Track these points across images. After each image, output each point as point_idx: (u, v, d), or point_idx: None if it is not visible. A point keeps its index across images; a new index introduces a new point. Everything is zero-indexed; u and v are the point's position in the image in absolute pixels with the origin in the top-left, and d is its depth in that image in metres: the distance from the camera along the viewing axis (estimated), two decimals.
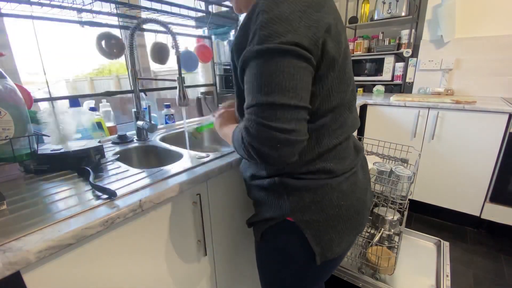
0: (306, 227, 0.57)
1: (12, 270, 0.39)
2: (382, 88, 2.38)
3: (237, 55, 0.50)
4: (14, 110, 0.62)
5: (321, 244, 0.57)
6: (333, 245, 0.58)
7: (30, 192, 0.59)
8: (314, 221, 0.57)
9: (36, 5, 0.83)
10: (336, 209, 0.57)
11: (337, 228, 0.58)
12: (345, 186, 0.58)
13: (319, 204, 0.56)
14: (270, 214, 0.61)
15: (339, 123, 0.56)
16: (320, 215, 0.57)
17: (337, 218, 0.58)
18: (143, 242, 0.61)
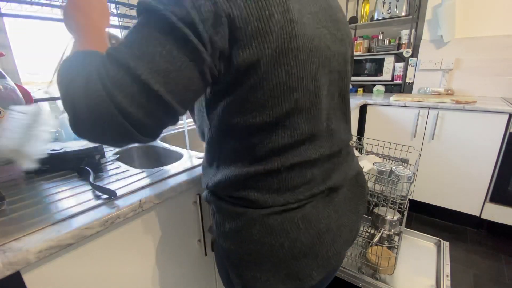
0: (226, 256, 0.50)
1: (12, 270, 0.39)
2: (382, 88, 2.38)
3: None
4: None
5: (243, 279, 0.49)
6: (256, 284, 0.48)
7: (30, 192, 0.59)
8: (233, 251, 0.48)
9: (36, 5, 0.83)
10: (258, 246, 0.46)
11: (263, 267, 0.47)
12: (272, 221, 0.46)
13: (239, 234, 0.47)
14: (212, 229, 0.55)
15: (279, 146, 0.44)
16: (241, 247, 0.48)
17: (261, 256, 0.47)
18: (143, 242, 0.61)
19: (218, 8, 0.34)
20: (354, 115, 2.00)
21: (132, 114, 0.33)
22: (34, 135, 0.52)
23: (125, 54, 0.33)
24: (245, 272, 0.48)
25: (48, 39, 1.12)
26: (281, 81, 0.40)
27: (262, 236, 0.46)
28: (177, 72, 0.34)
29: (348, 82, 0.57)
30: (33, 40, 1.07)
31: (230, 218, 0.48)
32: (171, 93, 0.34)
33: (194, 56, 0.34)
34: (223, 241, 0.49)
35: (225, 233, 0.49)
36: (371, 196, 1.25)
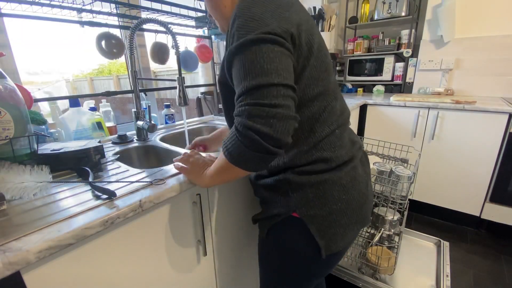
0: (311, 222, 0.59)
1: (12, 270, 0.39)
2: (382, 88, 2.38)
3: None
4: (14, 110, 0.62)
5: (326, 238, 0.59)
6: (337, 238, 0.60)
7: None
8: (318, 215, 0.59)
9: (36, 5, 0.83)
10: (339, 204, 0.59)
11: (341, 222, 0.60)
12: (345, 180, 0.60)
13: (322, 198, 0.58)
14: (276, 210, 0.63)
15: (328, 111, 0.59)
16: (323, 209, 0.59)
17: (339, 212, 0.60)
18: (143, 242, 0.61)
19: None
20: (354, 115, 2.00)
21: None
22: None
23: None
24: (328, 231, 0.59)
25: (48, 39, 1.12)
26: (322, 74, 0.58)
27: (341, 194, 0.59)
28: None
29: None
30: (33, 40, 1.07)
31: (312, 188, 0.58)
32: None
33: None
34: (306, 210, 0.59)
35: (308, 202, 0.59)
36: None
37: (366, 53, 2.40)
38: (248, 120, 0.46)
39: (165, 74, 2.27)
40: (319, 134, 0.58)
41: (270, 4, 0.49)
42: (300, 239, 0.62)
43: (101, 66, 2.18)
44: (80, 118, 0.98)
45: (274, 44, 0.47)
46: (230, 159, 0.51)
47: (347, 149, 0.63)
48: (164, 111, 1.34)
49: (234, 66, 0.50)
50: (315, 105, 0.57)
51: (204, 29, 1.48)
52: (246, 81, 0.47)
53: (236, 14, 0.49)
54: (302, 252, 0.63)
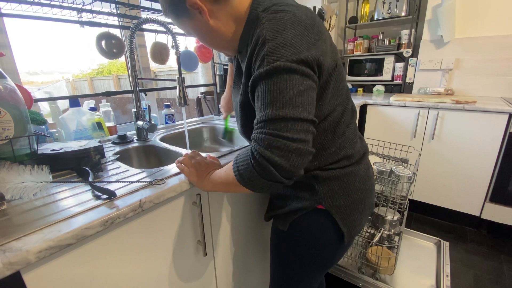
0: (336, 212, 0.63)
1: (12, 270, 0.39)
2: (382, 88, 2.38)
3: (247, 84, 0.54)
4: (14, 110, 0.62)
5: (348, 225, 0.65)
6: (355, 224, 0.66)
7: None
8: (342, 205, 0.63)
9: (36, 5, 0.83)
10: (359, 193, 0.65)
11: (359, 209, 0.66)
12: (363, 171, 0.67)
13: (346, 190, 0.63)
14: (301, 204, 0.65)
15: (346, 113, 0.63)
16: (347, 199, 0.64)
17: (359, 201, 0.66)
18: (143, 242, 0.61)
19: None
20: None
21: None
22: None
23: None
24: (350, 218, 0.65)
25: (48, 39, 1.12)
26: (341, 83, 0.61)
27: (361, 184, 0.66)
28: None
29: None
30: (33, 40, 1.07)
31: (337, 181, 0.63)
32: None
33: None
34: (331, 201, 0.63)
35: (334, 194, 0.63)
36: None
37: (366, 53, 2.40)
38: (266, 150, 0.46)
39: (165, 74, 2.27)
40: (341, 135, 0.62)
41: (299, 26, 0.49)
42: (324, 228, 0.66)
43: (101, 66, 2.18)
44: (80, 118, 0.98)
45: (304, 76, 0.48)
46: (239, 180, 0.52)
47: (360, 143, 0.69)
48: (164, 111, 1.34)
49: (259, 89, 0.49)
50: (336, 111, 0.60)
51: None
52: (271, 109, 0.47)
53: (266, 37, 0.48)
54: (326, 240, 0.67)
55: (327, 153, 0.61)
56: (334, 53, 0.57)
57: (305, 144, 0.47)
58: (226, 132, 1.14)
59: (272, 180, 0.48)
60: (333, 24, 2.10)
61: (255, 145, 0.48)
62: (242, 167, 0.51)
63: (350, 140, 0.64)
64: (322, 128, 0.59)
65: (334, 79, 0.57)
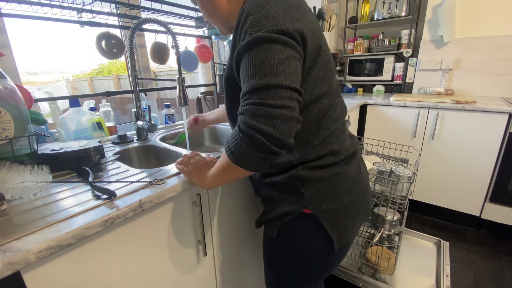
0: (324, 216, 0.60)
1: (12, 270, 0.39)
2: (382, 88, 2.38)
3: (232, 60, 0.54)
4: (14, 110, 0.62)
5: (338, 231, 0.61)
6: (347, 230, 0.62)
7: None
8: (330, 209, 0.60)
9: (36, 5, 0.83)
10: (348, 196, 0.62)
11: (350, 214, 0.62)
12: (353, 173, 0.63)
13: (334, 192, 0.60)
14: (287, 208, 0.63)
15: (333, 108, 0.61)
16: (335, 203, 0.60)
17: (349, 205, 0.62)
18: (143, 242, 0.61)
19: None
20: (354, 115, 2.00)
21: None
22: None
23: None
24: (339, 223, 0.61)
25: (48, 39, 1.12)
26: (328, 73, 0.59)
27: (351, 187, 0.62)
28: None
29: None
30: (33, 40, 1.07)
31: (324, 182, 0.60)
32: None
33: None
34: (318, 205, 0.60)
35: (320, 197, 0.60)
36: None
37: (366, 53, 2.40)
38: (251, 120, 0.46)
39: (165, 74, 2.27)
40: (327, 129, 0.60)
41: (282, 3, 0.50)
42: (313, 235, 0.62)
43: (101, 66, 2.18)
44: (80, 118, 0.98)
45: (285, 45, 0.48)
46: (232, 159, 0.51)
47: (350, 142, 0.67)
48: (164, 111, 1.34)
49: (243, 63, 0.50)
50: (321, 103, 0.58)
51: (204, 29, 1.48)
52: (254, 79, 0.47)
53: (249, 10, 0.49)
54: (316, 248, 0.63)
55: (310, 146, 0.60)
56: (319, 38, 0.56)
57: (290, 110, 0.46)
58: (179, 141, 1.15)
59: (263, 150, 0.47)
60: (333, 24, 2.10)
61: (241, 118, 0.48)
62: (232, 145, 0.50)
63: (337, 136, 0.62)
64: (307, 119, 0.58)
65: (319, 65, 0.56)
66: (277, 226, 0.66)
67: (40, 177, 0.59)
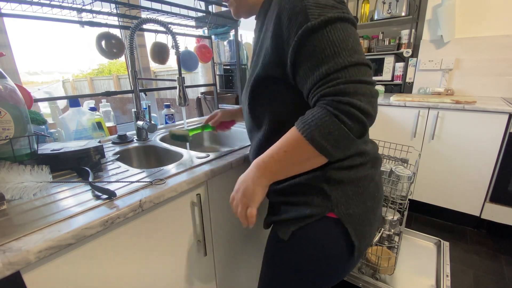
0: (349, 221, 0.56)
1: (12, 270, 0.39)
2: (382, 88, 2.38)
3: (275, 45, 0.51)
4: (14, 110, 0.62)
5: (359, 237, 0.57)
6: (366, 236, 0.59)
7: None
8: (356, 214, 0.56)
9: (36, 5, 0.83)
10: (372, 201, 0.59)
11: (370, 220, 0.59)
12: (377, 177, 0.61)
13: (361, 196, 0.57)
14: (309, 211, 0.57)
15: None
16: (361, 207, 0.57)
17: (371, 210, 0.59)
18: (143, 242, 0.61)
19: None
20: None
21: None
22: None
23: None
24: (362, 229, 0.57)
25: (48, 39, 1.12)
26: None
27: (375, 191, 0.59)
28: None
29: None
30: (33, 40, 1.07)
31: (352, 185, 0.56)
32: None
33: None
34: (344, 209, 0.55)
35: (348, 200, 0.56)
36: None
37: (366, 53, 2.40)
38: (354, 99, 0.42)
39: (165, 74, 2.27)
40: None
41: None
42: (333, 240, 0.58)
43: (101, 66, 2.18)
44: (80, 118, 0.98)
45: (354, 26, 0.47)
46: (328, 147, 0.45)
47: (372, 146, 0.64)
48: (164, 111, 1.34)
49: (311, 45, 0.46)
50: None
51: (204, 29, 1.48)
52: (340, 57, 0.44)
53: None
54: (335, 255, 0.59)
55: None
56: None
57: (375, 87, 0.46)
58: (181, 136, 0.92)
59: (362, 134, 0.44)
60: None
61: (334, 98, 0.43)
62: (325, 131, 0.44)
63: (364, 138, 0.58)
64: None
65: None
66: (292, 228, 0.60)
67: (40, 177, 0.59)
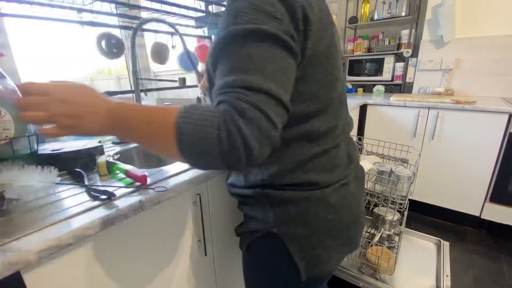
0: (291, 241, 0.53)
1: (12, 270, 0.39)
2: (382, 88, 2.38)
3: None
4: (14, 110, 0.62)
5: (306, 260, 0.54)
6: (320, 262, 0.55)
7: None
8: (298, 235, 0.53)
9: (36, 5, 0.83)
10: (322, 223, 0.53)
11: (324, 243, 0.54)
12: (333, 198, 0.54)
13: (304, 216, 0.53)
14: (255, 226, 0.58)
15: (327, 128, 0.52)
16: (305, 228, 0.53)
17: (323, 233, 0.54)
18: (143, 242, 0.61)
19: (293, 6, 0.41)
20: (354, 115, 2.00)
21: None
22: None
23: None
24: (309, 253, 0.54)
25: (48, 39, 1.12)
26: (329, 72, 0.50)
27: (327, 214, 0.53)
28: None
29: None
30: (33, 40, 1.07)
31: (293, 204, 0.52)
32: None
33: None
34: (285, 228, 0.53)
35: (289, 219, 0.53)
36: (371, 196, 1.25)
37: (366, 53, 2.40)
38: (248, 127, 0.38)
39: (165, 74, 2.27)
40: (308, 154, 0.51)
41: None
42: (280, 257, 0.56)
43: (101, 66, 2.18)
44: None
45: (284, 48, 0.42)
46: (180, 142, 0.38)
47: (341, 169, 0.56)
48: None
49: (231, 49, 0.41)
50: (313, 122, 0.50)
51: (204, 29, 1.48)
52: (255, 75, 0.41)
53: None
54: (283, 272, 0.57)
55: (282, 170, 0.51)
56: (327, 37, 0.48)
57: (278, 134, 0.41)
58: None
59: (229, 165, 0.38)
60: None
61: (233, 112, 0.37)
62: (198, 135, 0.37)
63: (323, 167, 0.53)
64: (291, 135, 0.49)
65: (320, 72, 0.48)
66: (246, 242, 0.61)
67: (47, 178, 0.58)
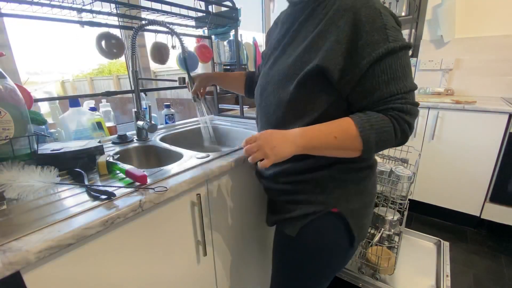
0: (350, 215, 0.63)
1: (12, 270, 0.39)
2: None
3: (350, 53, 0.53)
4: (14, 110, 0.62)
5: (358, 229, 0.65)
6: (364, 227, 0.68)
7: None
8: (356, 209, 0.64)
9: (36, 5, 0.83)
10: (370, 197, 0.68)
11: (367, 213, 0.68)
12: (375, 176, 0.69)
13: (361, 193, 0.65)
14: (313, 208, 0.64)
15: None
16: (360, 203, 0.65)
17: (369, 205, 0.68)
18: (143, 242, 0.61)
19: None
20: None
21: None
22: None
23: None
24: (361, 222, 0.65)
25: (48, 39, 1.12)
26: None
27: (373, 189, 0.69)
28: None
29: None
30: (33, 40, 1.07)
31: (354, 183, 0.64)
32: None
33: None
34: (346, 205, 0.63)
35: (349, 197, 0.63)
36: None
37: None
38: (410, 118, 0.53)
39: (165, 74, 2.27)
40: None
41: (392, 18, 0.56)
42: (337, 233, 0.65)
43: (101, 66, 2.18)
44: (80, 118, 0.98)
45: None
46: (367, 141, 0.52)
47: None
48: (164, 111, 1.34)
49: (387, 64, 0.51)
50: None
51: (204, 29, 1.48)
52: (407, 81, 0.52)
53: (379, 9, 0.51)
54: (339, 246, 0.66)
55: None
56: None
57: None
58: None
59: (400, 143, 0.56)
60: None
61: (400, 114, 0.52)
62: (379, 130, 0.52)
63: None
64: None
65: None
66: (299, 225, 0.65)
67: (47, 177, 0.59)
